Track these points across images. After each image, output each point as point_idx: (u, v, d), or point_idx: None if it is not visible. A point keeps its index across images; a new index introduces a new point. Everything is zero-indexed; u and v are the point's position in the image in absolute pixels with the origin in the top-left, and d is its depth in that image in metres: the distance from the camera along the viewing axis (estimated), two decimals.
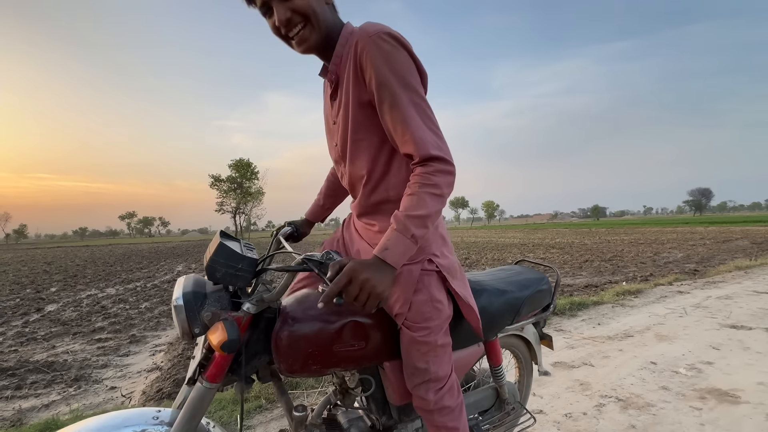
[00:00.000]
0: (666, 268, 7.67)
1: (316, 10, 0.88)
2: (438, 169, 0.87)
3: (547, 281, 1.53)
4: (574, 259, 10.13)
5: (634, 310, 4.19)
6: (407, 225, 0.84)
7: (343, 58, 0.95)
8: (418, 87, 0.90)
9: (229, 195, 51.50)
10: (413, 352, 1.04)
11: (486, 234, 32.39)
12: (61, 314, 5.52)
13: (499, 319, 1.32)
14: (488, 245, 17.19)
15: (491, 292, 1.32)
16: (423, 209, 0.85)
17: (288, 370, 1.01)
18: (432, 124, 0.90)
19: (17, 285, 9.09)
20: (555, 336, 3.37)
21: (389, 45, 0.86)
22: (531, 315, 1.50)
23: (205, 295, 0.94)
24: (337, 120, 1.03)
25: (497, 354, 1.40)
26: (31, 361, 3.46)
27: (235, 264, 0.90)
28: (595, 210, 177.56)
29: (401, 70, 0.87)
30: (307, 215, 1.45)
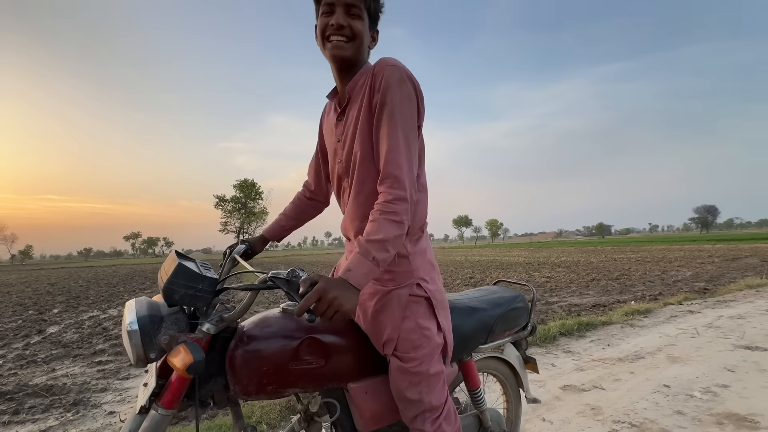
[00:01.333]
0: (675, 286, 7.53)
1: (363, 37, 1.03)
2: (397, 197, 0.93)
3: (523, 299, 1.51)
4: (580, 278, 9.98)
5: (644, 330, 4.09)
6: (368, 249, 0.89)
7: (359, 82, 1.05)
8: (412, 119, 0.99)
9: (233, 215, 51.88)
10: (404, 384, 1.02)
11: (490, 253, 32.15)
12: (62, 336, 5.47)
13: (471, 338, 1.30)
14: (493, 264, 17.01)
15: (462, 311, 1.30)
16: (382, 234, 0.90)
17: (243, 392, 0.97)
18: (409, 152, 0.97)
19: (20, 306, 9.07)
20: (563, 358, 3.28)
21: (401, 76, 0.98)
22: (507, 334, 1.47)
23: (161, 318, 0.90)
24: (342, 138, 1.09)
25: (474, 376, 1.35)
26: (30, 384, 3.40)
27: (195, 284, 0.88)
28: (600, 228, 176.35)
29: (403, 99, 0.97)
30: (265, 233, 1.45)
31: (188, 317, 0.95)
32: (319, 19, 1.04)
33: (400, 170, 0.94)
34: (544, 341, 3.74)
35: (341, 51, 1.01)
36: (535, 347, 3.60)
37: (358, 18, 1.01)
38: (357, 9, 1.00)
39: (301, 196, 1.45)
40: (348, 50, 1.02)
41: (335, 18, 0.99)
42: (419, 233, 1.13)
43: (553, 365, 3.12)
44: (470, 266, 16.19)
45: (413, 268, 1.08)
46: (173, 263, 0.89)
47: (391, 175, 0.94)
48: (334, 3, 1.00)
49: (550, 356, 3.36)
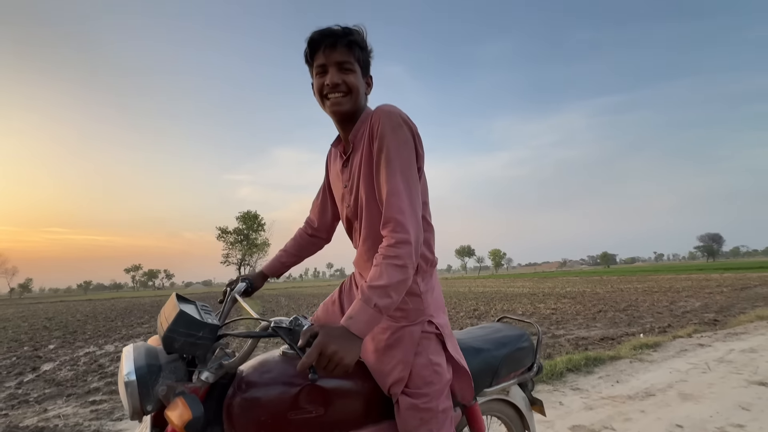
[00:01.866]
0: (684, 318, 7.36)
1: (358, 89, 1.08)
2: (400, 240, 0.93)
3: (528, 338, 1.46)
4: (587, 309, 9.78)
5: (654, 365, 3.97)
6: (370, 296, 0.88)
7: (360, 130, 1.10)
8: (411, 161, 1.01)
9: (235, 247, 51.86)
10: (414, 422, 1.01)
11: (494, 283, 31.67)
12: (56, 374, 5.34)
13: (476, 381, 1.24)
14: (497, 295, 16.73)
15: (467, 351, 1.25)
16: (384, 280, 0.89)
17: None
18: (410, 195, 0.98)
19: (15, 342, 8.90)
20: (571, 396, 3.17)
21: (398, 121, 1.01)
22: (513, 376, 1.42)
23: (159, 366, 0.86)
24: (348, 183, 1.14)
25: (478, 421, 1.29)
26: (21, 426, 3.29)
27: (196, 332, 0.85)
28: (605, 257, 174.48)
29: (400, 144, 1.00)
30: (265, 269, 1.45)
31: (186, 364, 0.92)
32: (315, 79, 1.09)
33: (401, 214, 0.95)
34: (551, 378, 3.62)
35: (340, 106, 1.06)
36: (542, 384, 3.49)
37: (351, 72, 1.05)
38: (348, 64, 1.05)
39: (303, 233, 1.46)
40: (346, 104, 1.07)
41: (329, 78, 1.04)
42: (430, 270, 1.15)
43: (560, 404, 3.01)
44: (474, 298, 15.92)
45: (425, 306, 1.09)
46: (174, 309, 0.87)
47: (393, 219, 0.95)
48: (326, 63, 1.04)
49: (557, 394, 3.25)
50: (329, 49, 1.03)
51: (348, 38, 1.04)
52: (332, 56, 1.03)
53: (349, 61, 1.04)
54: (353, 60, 1.05)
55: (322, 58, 1.04)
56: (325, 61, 1.04)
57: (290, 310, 14.05)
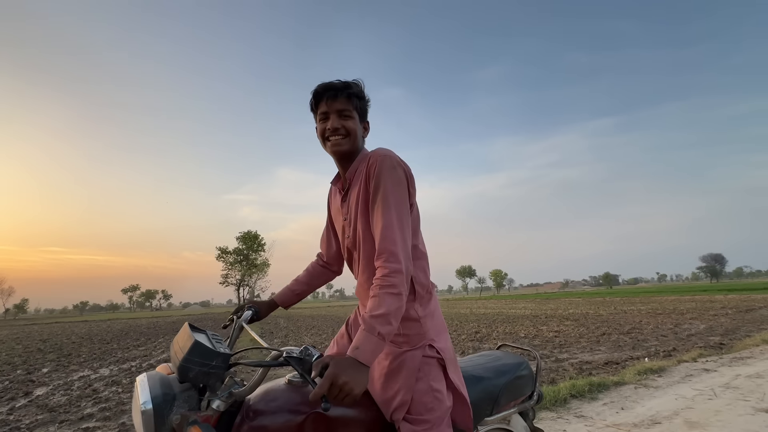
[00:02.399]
0: (689, 341, 7.25)
1: (356, 132, 1.23)
2: (393, 269, 1.02)
3: (528, 366, 1.47)
4: (590, 332, 9.64)
5: (659, 391, 3.90)
6: (373, 325, 0.96)
7: (358, 169, 1.23)
8: (404, 199, 1.13)
9: (234, 267, 51.51)
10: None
11: (495, 305, 31.27)
12: (49, 399, 5.23)
13: (476, 410, 1.25)
14: (499, 317, 16.50)
15: (468, 380, 1.26)
16: (384, 308, 0.98)
17: None
18: (402, 229, 1.09)
19: (8, 366, 8.74)
20: (575, 423, 3.11)
21: (392, 164, 1.14)
22: (513, 404, 1.41)
23: (174, 396, 0.90)
24: (347, 216, 1.26)
25: None
26: None
27: (209, 361, 0.88)
28: (607, 278, 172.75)
29: (394, 183, 1.12)
30: (276, 298, 1.52)
31: (198, 392, 0.95)
32: (318, 124, 1.25)
33: (394, 245, 1.05)
34: (555, 404, 3.55)
35: (339, 147, 1.21)
36: (545, 411, 3.42)
37: (350, 118, 1.22)
38: (347, 111, 1.21)
39: (315, 264, 1.56)
40: (345, 145, 1.22)
41: (330, 123, 1.20)
42: (428, 296, 1.23)
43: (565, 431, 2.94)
44: (476, 319, 15.70)
45: (425, 330, 1.15)
46: (189, 340, 0.90)
47: (387, 250, 1.05)
48: (328, 111, 1.21)
49: (561, 421, 3.18)
50: (331, 99, 1.20)
51: (347, 90, 1.20)
52: (333, 105, 1.20)
53: (348, 109, 1.21)
54: (351, 108, 1.21)
55: (324, 107, 1.21)
56: (327, 109, 1.21)
57: (289, 332, 13.83)
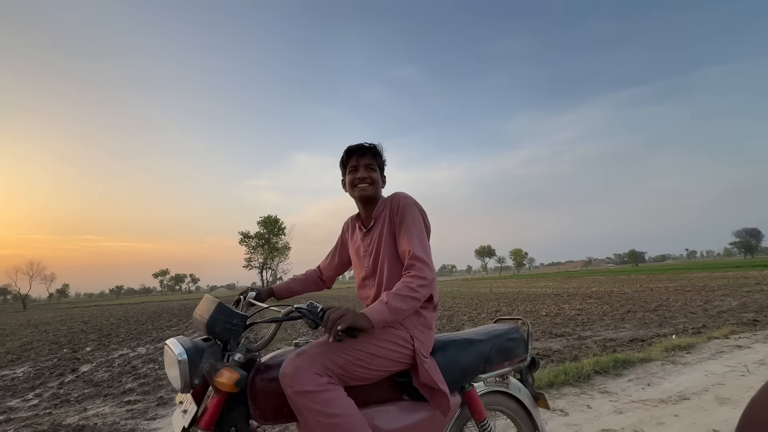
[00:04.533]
0: (720, 318, 7.01)
1: (378, 182, 1.55)
2: (418, 275, 1.28)
3: (518, 332, 1.61)
4: (614, 309, 9.46)
5: (688, 368, 3.81)
6: (386, 296, 1.21)
7: (380, 209, 1.52)
8: (422, 226, 1.43)
9: (257, 251, 52.88)
10: None
11: (516, 284, 31.07)
12: (93, 375, 5.62)
13: (469, 368, 1.41)
14: (519, 296, 16.40)
15: (459, 343, 1.43)
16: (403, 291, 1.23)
17: (262, 417, 1.13)
18: (425, 246, 1.36)
19: (56, 345, 9.42)
20: (600, 399, 3.09)
21: (412, 203, 1.46)
22: (507, 364, 1.54)
23: (203, 350, 1.09)
24: (368, 248, 1.52)
25: (478, 406, 1.41)
26: (64, 425, 3.49)
27: (231, 320, 1.10)
28: (633, 255, 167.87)
29: (415, 217, 1.43)
30: (275, 288, 1.76)
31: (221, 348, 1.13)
32: (348, 176, 1.55)
33: (426, 258, 1.32)
34: (578, 380, 3.54)
35: (365, 192, 1.51)
36: (569, 387, 3.41)
37: (374, 171, 1.53)
38: (372, 165, 1.53)
39: (314, 273, 1.84)
40: (369, 191, 1.51)
41: (359, 173, 1.51)
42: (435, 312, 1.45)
43: (588, 407, 2.93)
44: (495, 299, 15.67)
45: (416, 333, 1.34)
46: (213, 303, 1.11)
47: (420, 259, 1.31)
48: (357, 165, 1.52)
49: (585, 397, 3.17)
50: (360, 156, 1.52)
51: (372, 150, 1.53)
52: (362, 160, 1.52)
53: (373, 164, 1.53)
54: (375, 164, 1.54)
55: (354, 161, 1.52)
56: (357, 163, 1.52)
57: None
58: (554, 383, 3.45)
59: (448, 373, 1.33)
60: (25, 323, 18.78)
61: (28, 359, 7.43)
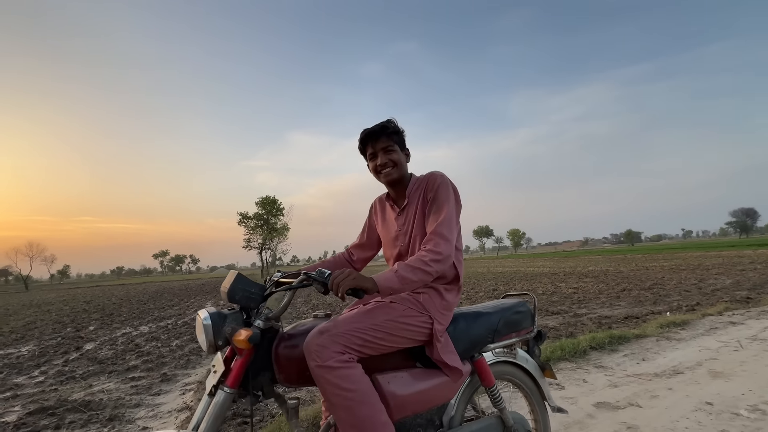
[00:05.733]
0: (714, 296, 7.12)
1: (401, 161, 1.53)
2: (434, 249, 1.29)
3: (525, 305, 1.66)
4: (610, 288, 9.60)
5: (682, 343, 3.88)
6: (398, 265, 1.24)
7: (414, 188, 1.52)
8: (453, 210, 1.41)
9: (256, 232, 52.94)
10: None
11: (513, 263, 31.41)
12: (97, 353, 5.71)
13: (478, 338, 1.48)
14: (516, 275, 16.61)
15: (469, 316, 1.51)
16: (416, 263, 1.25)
17: (287, 380, 1.23)
18: (451, 224, 1.36)
19: (59, 324, 9.53)
20: (595, 373, 3.16)
21: (446, 182, 1.46)
22: (514, 335, 1.60)
23: (226, 315, 1.20)
24: (404, 227, 1.52)
25: (487, 373, 1.49)
26: (70, 400, 3.56)
27: (250, 288, 1.21)
28: (629, 235, 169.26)
29: (448, 195, 1.43)
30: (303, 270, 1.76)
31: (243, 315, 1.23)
32: (369, 162, 1.55)
33: (447, 233, 1.33)
34: (574, 355, 3.61)
35: (391, 176, 1.51)
36: (565, 362, 3.48)
37: (394, 152, 1.50)
38: (390, 147, 1.50)
39: (342, 256, 1.79)
40: (395, 174, 1.51)
41: (379, 159, 1.50)
42: (458, 289, 1.47)
43: (584, 381, 3.00)
44: (493, 278, 15.87)
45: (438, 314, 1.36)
46: (233, 275, 1.23)
47: (439, 234, 1.32)
48: (375, 151, 1.51)
49: (580, 371, 3.23)
50: (374, 141, 1.50)
51: (385, 131, 1.49)
52: (377, 145, 1.50)
53: (390, 145, 1.50)
54: (393, 143, 1.50)
55: (371, 149, 1.52)
56: (373, 149, 1.51)
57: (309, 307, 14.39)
58: (551, 358, 3.51)
59: (459, 343, 1.41)
60: (28, 303, 18.96)
61: (32, 338, 7.53)
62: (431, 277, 1.26)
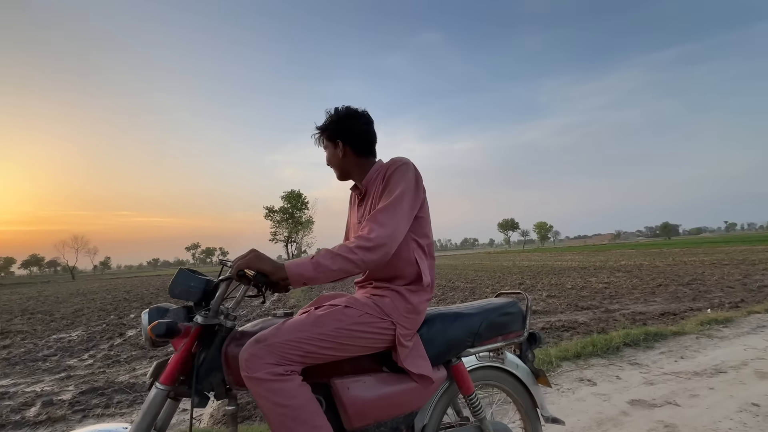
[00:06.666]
0: (761, 292, 6.68)
1: (337, 159, 1.43)
2: (364, 235, 1.15)
3: (517, 306, 1.51)
4: (644, 283, 9.18)
5: (725, 342, 3.68)
6: (318, 253, 1.13)
7: (374, 176, 1.38)
8: (410, 192, 1.26)
9: (281, 225, 54.23)
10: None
11: (540, 257, 30.60)
12: (138, 339, 6.07)
13: (455, 342, 1.34)
14: (543, 269, 16.19)
15: (446, 317, 1.37)
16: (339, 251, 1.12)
17: (236, 383, 1.14)
18: (395, 211, 1.20)
19: (103, 312, 10.20)
20: (629, 370, 3.05)
21: (403, 167, 1.30)
22: (500, 339, 1.45)
23: (166, 310, 1.17)
24: (361, 218, 1.39)
25: (466, 380, 1.35)
26: (117, 382, 3.82)
27: (189, 282, 1.17)
28: (666, 228, 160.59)
29: (401, 180, 1.26)
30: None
31: (186, 310, 1.20)
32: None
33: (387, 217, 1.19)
34: (606, 351, 3.50)
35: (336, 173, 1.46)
36: (597, 358, 3.38)
37: (326, 149, 1.44)
38: (328, 147, 1.43)
39: None
40: (336, 171, 1.45)
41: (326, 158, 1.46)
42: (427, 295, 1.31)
43: (618, 378, 2.91)
44: (519, 272, 15.54)
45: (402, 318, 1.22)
46: (177, 270, 1.20)
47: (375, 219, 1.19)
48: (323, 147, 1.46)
49: (613, 368, 3.14)
50: (316, 142, 1.45)
51: (322, 133, 1.42)
52: (321, 145, 1.45)
53: (328, 146, 1.43)
54: (324, 139, 1.43)
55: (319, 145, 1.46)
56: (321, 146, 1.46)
57: None
58: (581, 354, 3.43)
59: (433, 346, 1.29)
60: (75, 292, 20.37)
61: (80, 324, 8.10)
62: (356, 267, 1.12)
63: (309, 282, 1.07)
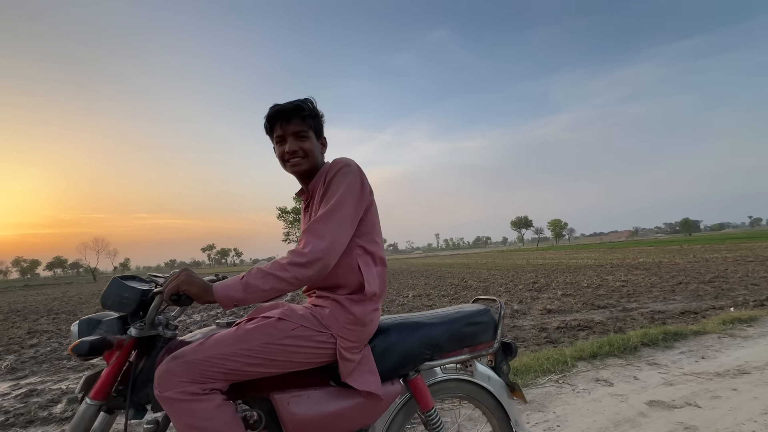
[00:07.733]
0: None
1: (313, 151, 1.26)
2: (298, 250, 1.06)
3: (488, 314, 1.39)
4: (663, 281, 8.95)
5: (749, 341, 3.57)
6: (249, 272, 1.03)
7: (317, 181, 1.26)
8: (352, 197, 1.15)
9: (294, 225, 54.77)
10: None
11: (554, 255, 30.11)
12: None
13: (411, 355, 1.23)
14: (558, 267, 15.92)
15: (404, 326, 1.27)
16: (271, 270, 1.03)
17: None
18: (332, 220, 1.10)
19: None
20: (648, 370, 2.99)
21: (345, 170, 1.19)
22: (467, 351, 1.34)
23: (98, 322, 1.09)
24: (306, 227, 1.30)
25: (424, 395, 1.27)
26: None
27: (122, 293, 1.08)
28: (686, 224, 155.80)
29: (341, 185, 1.15)
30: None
31: (121, 322, 1.12)
32: (276, 147, 1.27)
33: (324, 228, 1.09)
34: (623, 351, 3.43)
35: (299, 167, 1.25)
36: (613, 358, 3.32)
37: (306, 139, 1.24)
38: (303, 132, 1.24)
39: None
40: (304, 165, 1.25)
41: (288, 146, 1.23)
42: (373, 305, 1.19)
43: (635, 378, 2.85)
44: (533, 270, 15.33)
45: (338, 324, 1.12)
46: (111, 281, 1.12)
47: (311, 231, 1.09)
48: (284, 134, 1.23)
49: (631, 368, 3.08)
50: (285, 123, 1.22)
51: (300, 112, 1.22)
52: (288, 128, 1.23)
53: (303, 130, 1.23)
54: (307, 128, 1.24)
55: (279, 130, 1.23)
56: (282, 132, 1.23)
57: None
58: (598, 354, 3.37)
59: (386, 359, 1.20)
60: (97, 293, 20.99)
61: None
62: (290, 285, 1.03)
63: (240, 303, 0.99)
